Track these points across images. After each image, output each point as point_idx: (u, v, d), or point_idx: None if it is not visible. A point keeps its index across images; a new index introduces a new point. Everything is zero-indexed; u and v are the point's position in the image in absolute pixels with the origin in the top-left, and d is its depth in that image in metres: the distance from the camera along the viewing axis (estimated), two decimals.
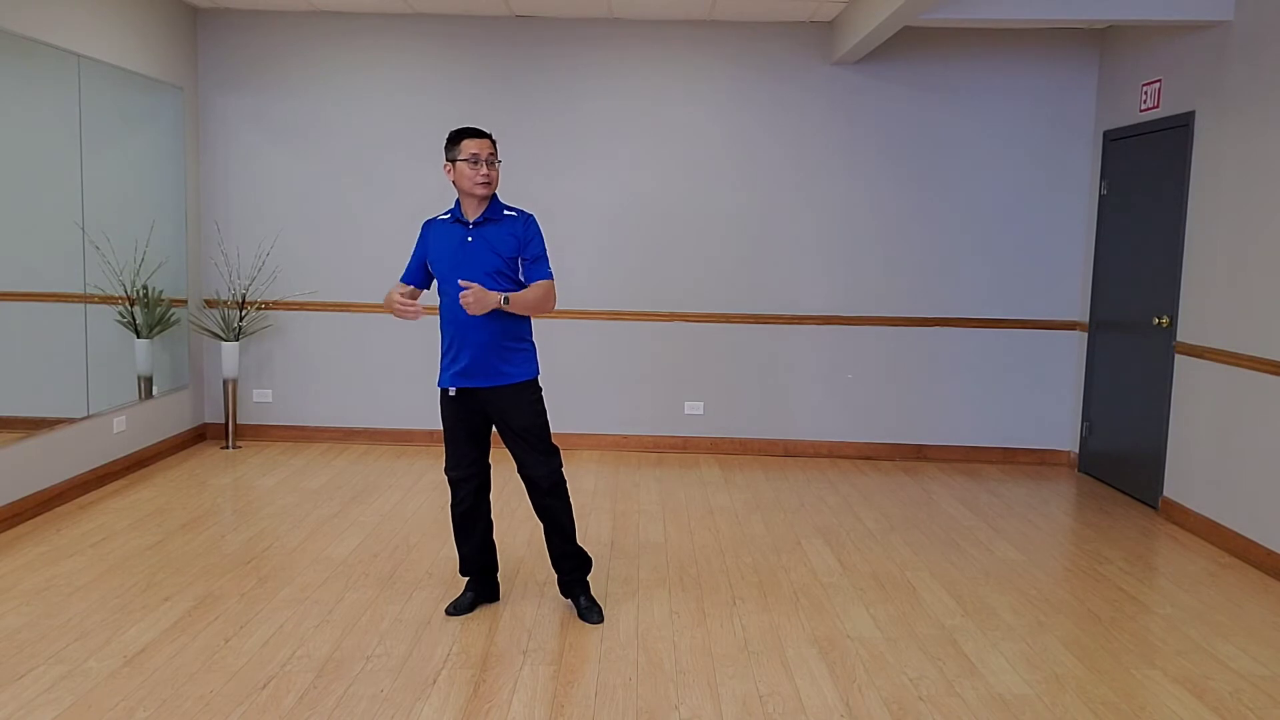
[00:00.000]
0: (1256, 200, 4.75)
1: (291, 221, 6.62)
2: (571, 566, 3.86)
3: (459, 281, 3.55)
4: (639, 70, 6.49)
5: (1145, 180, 5.78)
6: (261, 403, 6.72)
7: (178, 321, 6.31)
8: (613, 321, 6.65)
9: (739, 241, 6.58)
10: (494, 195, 3.69)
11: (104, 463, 5.50)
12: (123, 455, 5.69)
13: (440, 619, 3.76)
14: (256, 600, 3.89)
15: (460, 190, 3.66)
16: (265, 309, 6.63)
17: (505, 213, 3.71)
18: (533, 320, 3.81)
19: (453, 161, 3.64)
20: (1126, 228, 5.97)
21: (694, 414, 6.71)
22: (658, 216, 6.58)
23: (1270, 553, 4.54)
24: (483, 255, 3.64)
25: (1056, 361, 6.58)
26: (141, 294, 5.86)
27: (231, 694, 3.11)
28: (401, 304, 3.60)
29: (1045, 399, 6.61)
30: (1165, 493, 5.46)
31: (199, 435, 6.68)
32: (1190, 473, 5.23)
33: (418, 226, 7.33)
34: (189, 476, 5.76)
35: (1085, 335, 6.43)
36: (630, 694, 3.19)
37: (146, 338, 5.94)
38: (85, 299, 5.31)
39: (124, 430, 5.70)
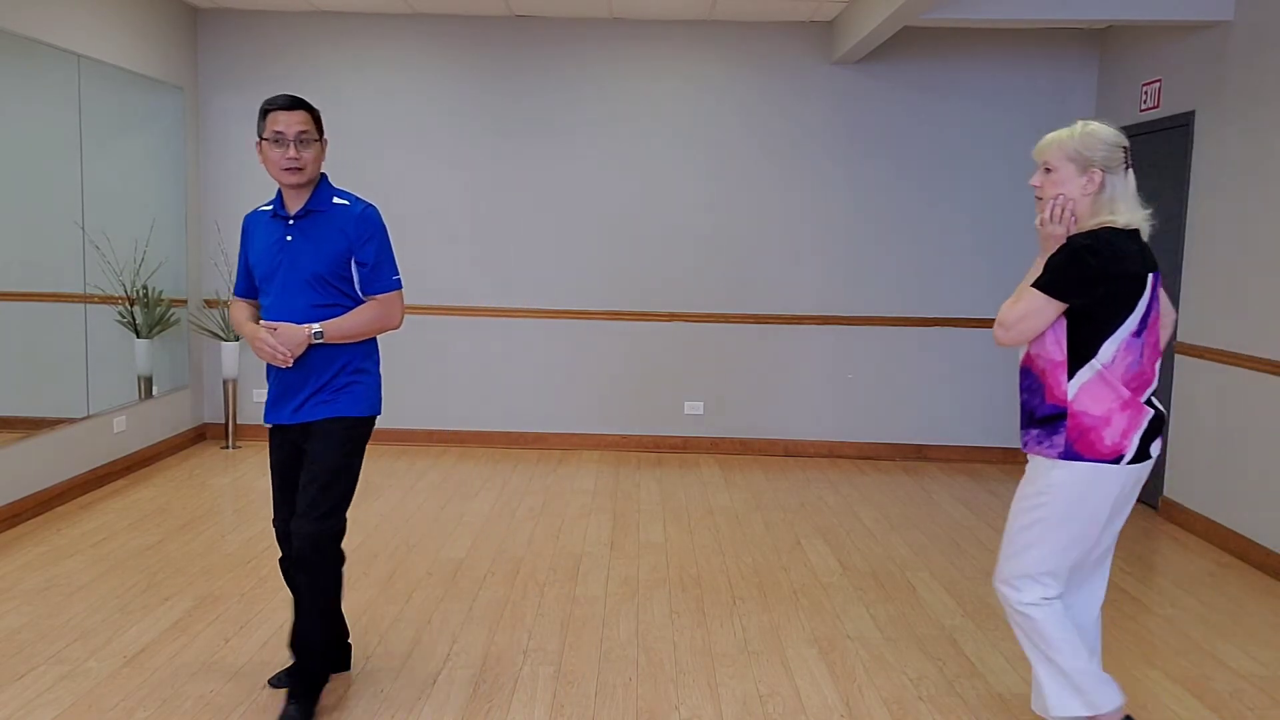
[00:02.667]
0: (1256, 200, 4.75)
1: None
2: (297, 668, 2.96)
3: (260, 322, 2.93)
4: (639, 70, 6.49)
5: (1145, 180, 5.76)
6: (261, 403, 6.72)
7: (178, 321, 6.31)
8: (613, 321, 6.65)
9: (739, 241, 6.58)
10: (322, 181, 2.99)
11: (104, 463, 5.50)
12: (123, 455, 5.69)
13: (440, 618, 3.75)
14: (256, 600, 3.89)
15: (272, 177, 2.96)
16: None
17: (336, 201, 2.98)
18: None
19: (260, 140, 2.93)
20: None
21: (694, 414, 6.71)
22: (657, 215, 6.58)
23: (1270, 553, 4.54)
24: (304, 258, 2.93)
25: None
26: (141, 294, 5.86)
27: (231, 694, 3.11)
28: (271, 348, 2.86)
29: None
30: (1165, 493, 5.46)
31: (199, 435, 6.68)
32: (1190, 473, 5.23)
33: (416, 226, 7.32)
34: (189, 476, 5.76)
35: None
36: (630, 694, 3.19)
37: (146, 338, 5.94)
38: (85, 299, 5.31)
39: (124, 430, 5.70)
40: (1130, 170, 2.63)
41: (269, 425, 3.03)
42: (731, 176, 6.55)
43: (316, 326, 2.89)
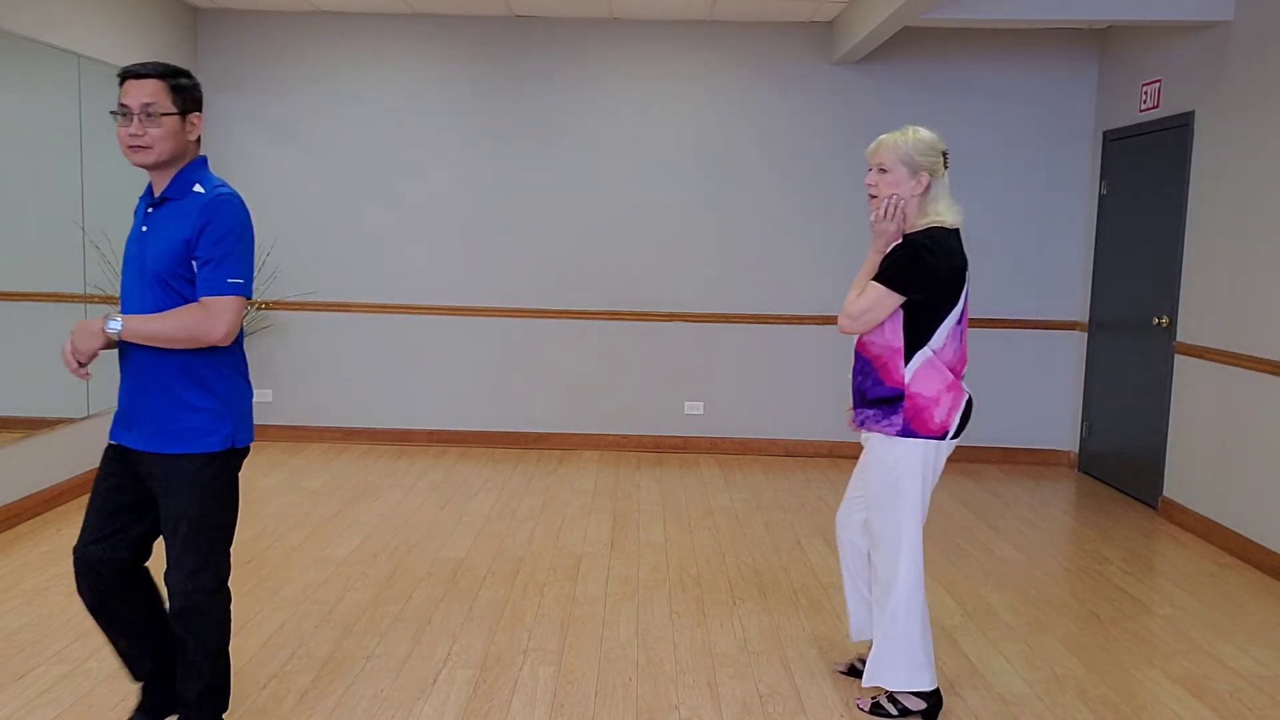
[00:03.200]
0: (1256, 200, 4.75)
1: (291, 221, 6.61)
2: None
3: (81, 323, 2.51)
4: (639, 70, 6.49)
5: (1145, 180, 5.78)
6: (261, 403, 6.72)
7: None
8: (613, 321, 6.65)
9: (739, 241, 6.58)
10: (190, 165, 2.53)
11: None
12: None
13: (441, 618, 3.75)
14: (256, 600, 3.88)
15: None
16: (265, 309, 6.63)
17: (195, 189, 2.50)
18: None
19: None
20: (1126, 228, 5.97)
21: (694, 414, 6.71)
22: (658, 215, 6.58)
23: (1270, 553, 4.54)
24: (149, 252, 2.49)
25: (1056, 361, 6.58)
26: None
27: (231, 694, 3.10)
28: (68, 359, 2.49)
29: (1045, 399, 6.60)
30: (1165, 493, 5.46)
31: None
32: (1190, 473, 5.23)
33: (416, 226, 7.31)
34: None
35: (1085, 335, 6.43)
36: (630, 694, 3.19)
37: None
38: (85, 299, 5.31)
39: None
40: (947, 172, 2.90)
41: (112, 444, 2.60)
42: (732, 176, 6.54)
43: (116, 320, 2.44)
